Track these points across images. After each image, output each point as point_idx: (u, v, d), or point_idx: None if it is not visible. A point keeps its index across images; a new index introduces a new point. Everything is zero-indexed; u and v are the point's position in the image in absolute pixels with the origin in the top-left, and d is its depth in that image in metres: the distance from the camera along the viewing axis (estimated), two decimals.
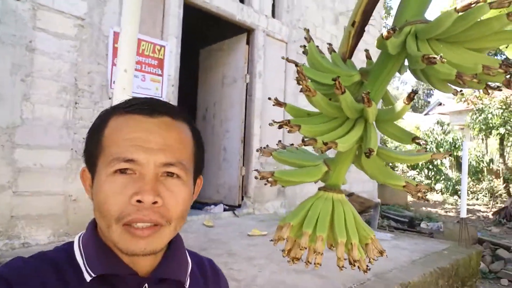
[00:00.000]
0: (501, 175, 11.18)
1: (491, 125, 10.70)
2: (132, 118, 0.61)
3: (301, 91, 0.76)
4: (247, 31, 5.72)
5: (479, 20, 0.66)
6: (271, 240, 0.85)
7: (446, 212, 9.70)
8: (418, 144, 0.67)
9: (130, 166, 0.58)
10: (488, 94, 0.76)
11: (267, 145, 0.90)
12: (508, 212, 8.63)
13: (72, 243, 0.65)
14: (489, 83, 0.71)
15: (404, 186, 0.74)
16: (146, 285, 0.63)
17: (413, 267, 2.85)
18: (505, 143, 11.67)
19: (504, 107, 10.59)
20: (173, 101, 4.72)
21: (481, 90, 0.72)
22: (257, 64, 5.70)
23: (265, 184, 0.90)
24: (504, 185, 10.72)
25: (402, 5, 0.80)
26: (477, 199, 11.11)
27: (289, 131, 0.75)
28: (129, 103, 0.63)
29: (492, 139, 12.37)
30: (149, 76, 4.50)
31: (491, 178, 11.32)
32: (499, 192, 10.70)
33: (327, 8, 7.05)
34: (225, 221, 4.71)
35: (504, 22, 0.66)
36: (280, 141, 0.97)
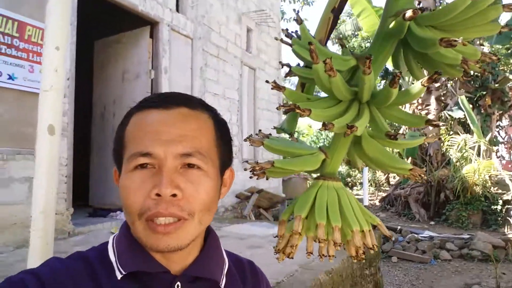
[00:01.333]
0: None
1: None
2: (149, 113, 0.61)
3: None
4: (151, 24, 5.40)
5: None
6: (276, 236, 0.79)
7: None
8: (434, 125, 0.68)
9: (148, 161, 0.58)
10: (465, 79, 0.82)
11: (251, 134, 0.83)
12: (390, 198, 9.93)
13: (107, 243, 0.65)
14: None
15: (410, 170, 0.74)
16: (179, 283, 0.61)
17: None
18: None
19: None
20: (69, 98, 4.19)
21: None
22: (162, 59, 5.42)
23: (251, 178, 0.83)
24: (385, 175, 12.26)
25: None
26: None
27: (301, 116, 0.70)
28: (147, 99, 0.64)
29: None
30: (39, 67, 3.90)
31: (373, 170, 12.92)
32: (381, 182, 12.25)
33: (230, 8, 7.09)
34: None
35: (499, 12, 0.71)
36: (260, 130, 0.90)
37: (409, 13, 0.66)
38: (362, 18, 9.96)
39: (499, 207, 8.03)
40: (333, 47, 16.27)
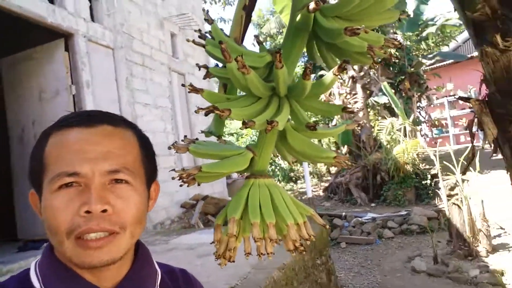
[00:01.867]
0: None
1: None
2: (70, 131, 0.60)
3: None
4: (65, 37, 5.05)
5: None
6: (212, 242, 0.76)
7: None
8: (350, 112, 0.70)
9: (74, 180, 0.57)
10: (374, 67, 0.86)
11: (176, 142, 0.80)
12: (332, 187, 10.34)
13: (28, 269, 0.63)
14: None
15: (334, 157, 0.76)
16: None
17: (280, 249, 3.06)
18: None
19: None
20: None
21: None
22: (82, 72, 5.10)
23: (181, 186, 0.79)
24: (326, 166, 12.71)
25: None
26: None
27: (220, 117, 0.67)
28: (66, 118, 0.62)
29: None
30: None
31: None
32: (323, 173, 12.70)
33: (150, 13, 6.89)
34: None
35: (395, 0, 0.75)
36: (186, 136, 0.87)
37: (312, 5, 0.67)
38: (285, 15, 10.24)
39: (428, 182, 8.72)
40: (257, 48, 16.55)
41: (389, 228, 7.16)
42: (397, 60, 11.31)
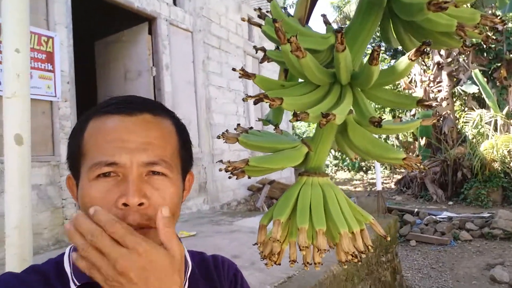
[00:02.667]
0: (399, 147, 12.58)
1: None
2: (110, 119, 0.59)
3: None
4: (149, 20, 5.32)
5: None
6: (255, 244, 0.70)
7: (355, 188, 10.53)
8: (428, 106, 0.58)
9: (112, 169, 0.56)
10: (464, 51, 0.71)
11: (227, 130, 0.74)
12: (406, 180, 9.73)
13: (63, 254, 0.64)
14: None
15: (404, 159, 0.64)
16: None
17: None
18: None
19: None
20: (71, 101, 4.16)
21: None
22: (162, 55, 5.34)
23: (230, 178, 0.75)
24: None
25: None
26: None
27: (270, 106, 0.60)
28: (107, 103, 0.61)
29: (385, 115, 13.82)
30: (37, 73, 3.86)
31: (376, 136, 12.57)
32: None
33: None
34: None
35: None
36: (239, 124, 0.81)
37: None
38: None
39: None
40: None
41: (467, 230, 6.54)
42: (493, 45, 10.05)
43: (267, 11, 0.83)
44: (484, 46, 9.38)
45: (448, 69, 10.08)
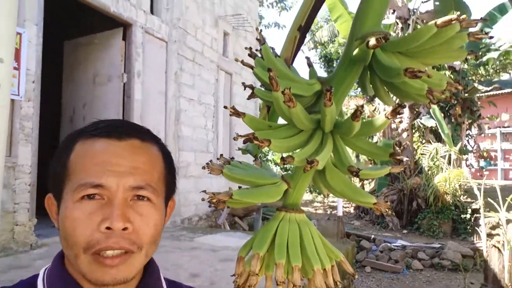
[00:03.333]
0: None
1: None
2: (99, 142, 0.59)
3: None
4: (124, 26, 5.26)
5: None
6: (233, 275, 0.73)
7: (316, 209, 10.70)
8: (398, 160, 0.64)
9: (98, 191, 0.56)
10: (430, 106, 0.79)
11: (211, 161, 0.78)
12: (364, 207, 10.01)
13: (37, 275, 0.63)
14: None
15: (374, 204, 0.70)
16: None
17: None
18: None
19: None
20: (35, 101, 4.00)
21: None
22: (135, 62, 5.28)
23: (210, 207, 0.78)
24: (360, 183, 12.43)
25: (361, 15, 0.77)
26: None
27: (259, 147, 0.65)
28: (95, 126, 0.61)
29: None
30: None
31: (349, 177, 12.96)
32: None
33: (207, 11, 7.02)
34: None
35: (465, 40, 0.69)
36: (221, 155, 0.85)
37: (372, 42, 0.63)
38: (340, 24, 10.12)
39: (468, 216, 8.23)
40: (310, 52, 16.47)
41: (419, 259, 6.81)
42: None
43: (257, 49, 0.88)
44: (448, 103, 9.98)
45: (409, 101, 10.66)
